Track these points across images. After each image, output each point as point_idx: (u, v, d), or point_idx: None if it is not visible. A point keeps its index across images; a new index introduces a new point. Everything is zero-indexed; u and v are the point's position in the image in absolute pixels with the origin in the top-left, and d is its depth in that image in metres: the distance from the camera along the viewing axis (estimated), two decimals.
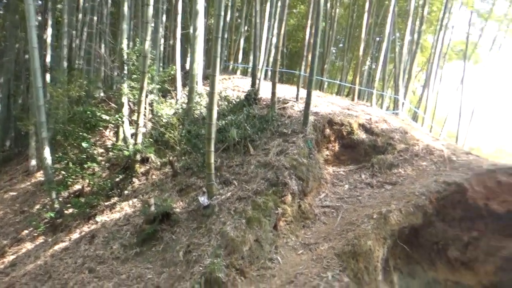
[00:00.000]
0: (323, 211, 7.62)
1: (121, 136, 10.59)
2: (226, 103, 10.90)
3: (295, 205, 7.30)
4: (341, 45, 24.03)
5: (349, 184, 8.62)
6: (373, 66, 18.27)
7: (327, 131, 9.56)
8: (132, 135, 10.21)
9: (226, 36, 16.98)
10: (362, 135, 9.66)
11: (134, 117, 10.07)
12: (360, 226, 6.60)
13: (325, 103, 10.89)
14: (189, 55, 13.76)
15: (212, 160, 7.24)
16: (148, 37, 8.93)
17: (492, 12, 17.98)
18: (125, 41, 10.55)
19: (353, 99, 13.31)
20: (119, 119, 9.94)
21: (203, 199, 7.11)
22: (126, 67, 10.33)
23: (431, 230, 7.35)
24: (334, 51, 23.75)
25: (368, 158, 9.23)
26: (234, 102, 10.84)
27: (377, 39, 19.10)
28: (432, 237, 7.41)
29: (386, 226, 6.63)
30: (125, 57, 10.19)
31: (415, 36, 15.57)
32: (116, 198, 8.89)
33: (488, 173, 7.58)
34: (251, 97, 10.56)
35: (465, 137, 17.85)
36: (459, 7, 18.12)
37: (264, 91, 11.13)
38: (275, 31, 11.36)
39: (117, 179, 9.43)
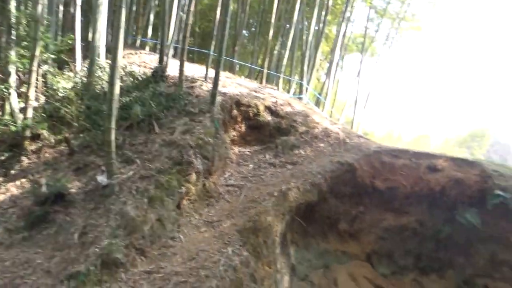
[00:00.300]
0: (227, 190, 7.79)
1: (7, 109, 9.43)
2: (131, 79, 10.37)
3: (200, 184, 7.34)
4: (253, 29, 24.29)
5: (253, 163, 8.92)
6: (282, 52, 18.88)
7: (235, 112, 9.70)
8: (21, 109, 9.16)
9: (134, 8, 16.05)
10: (268, 117, 10.01)
11: (24, 89, 9.05)
12: (262, 203, 6.89)
13: (234, 85, 11.02)
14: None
15: (113, 138, 6.88)
16: (42, 0, 8.03)
17: (387, 10, 19.77)
18: (13, 2, 9.31)
19: (261, 82, 13.66)
20: (5, 90, 8.84)
21: (102, 178, 6.75)
22: (14, 32, 9.16)
23: (325, 206, 8.00)
24: (246, 34, 23.95)
25: (273, 139, 9.64)
26: (140, 79, 10.36)
27: (287, 26, 19.71)
28: (326, 212, 8.08)
29: (285, 203, 7.04)
30: (13, 20, 9.02)
31: (321, 25, 16.42)
32: (0, 179, 7.97)
33: (375, 154, 8.46)
34: (158, 74, 10.20)
35: (360, 122, 19.63)
36: (360, 2, 19.58)
37: (173, 69, 10.83)
38: (186, 8, 11.05)
39: (2, 158, 8.44)
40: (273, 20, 14.76)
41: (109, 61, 9.13)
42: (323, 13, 16.37)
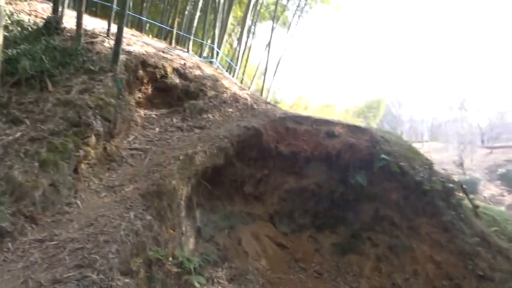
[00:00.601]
0: (131, 154, 7.49)
1: None
2: (19, 29, 9.09)
3: (100, 147, 6.93)
4: None
5: (160, 127, 8.68)
6: (194, 13, 18.21)
7: (140, 72, 9.19)
8: None
9: None
10: (176, 79, 9.71)
11: None
12: (167, 167, 6.79)
13: (140, 43, 10.38)
14: None
15: None
16: None
17: None
18: None
19: (170, 43, 13.10)
20: None
21: None
22: None
23: (231, 169, 8.20)
24: None
25: (181, 103, 9.43)
26: (30, 29, 9.15)
27: None
28: (232, 176, 8.30)
29: (191, 167, 7.04)
30: None
31: None
32: None
33: (280, 120, 8.82)
34: (52, 26, 9.09)
35: (270, 89, 20.14)
36: None
37: (71, 21, 9.78)
38: None
39: None
40: None
41: None
42: None
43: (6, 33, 7.88)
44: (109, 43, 9.30)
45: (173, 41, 13.39)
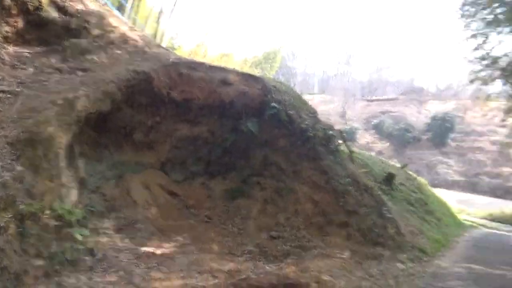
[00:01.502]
0: None
1: None
2: None
3: None
4: None
5: (34, 67, 7.61)
6: None
7: (7, 1, 7.78)
8: None
9: None
10: (53, 13, 8.47)
11: None
12: (42, 112, 6.09)
13: None
14: None
15: None
16: None
17: None
18: None
19: None
20: None
21: None
22: None
23: (119, 116, 7.72)
24: None
25: (60, 41, 8.34)
26: None
27: None
28: (120, 123, 7.84)
29: (72, 113, 6.42)
30: None
31: None
32: None
33: (173, 65, 8.46)
34: None
35: (166, 33, 19.06)
36: None
37: None
38: None
39: None
40: None
41: None
42: None
43: None
44: None
45: None
